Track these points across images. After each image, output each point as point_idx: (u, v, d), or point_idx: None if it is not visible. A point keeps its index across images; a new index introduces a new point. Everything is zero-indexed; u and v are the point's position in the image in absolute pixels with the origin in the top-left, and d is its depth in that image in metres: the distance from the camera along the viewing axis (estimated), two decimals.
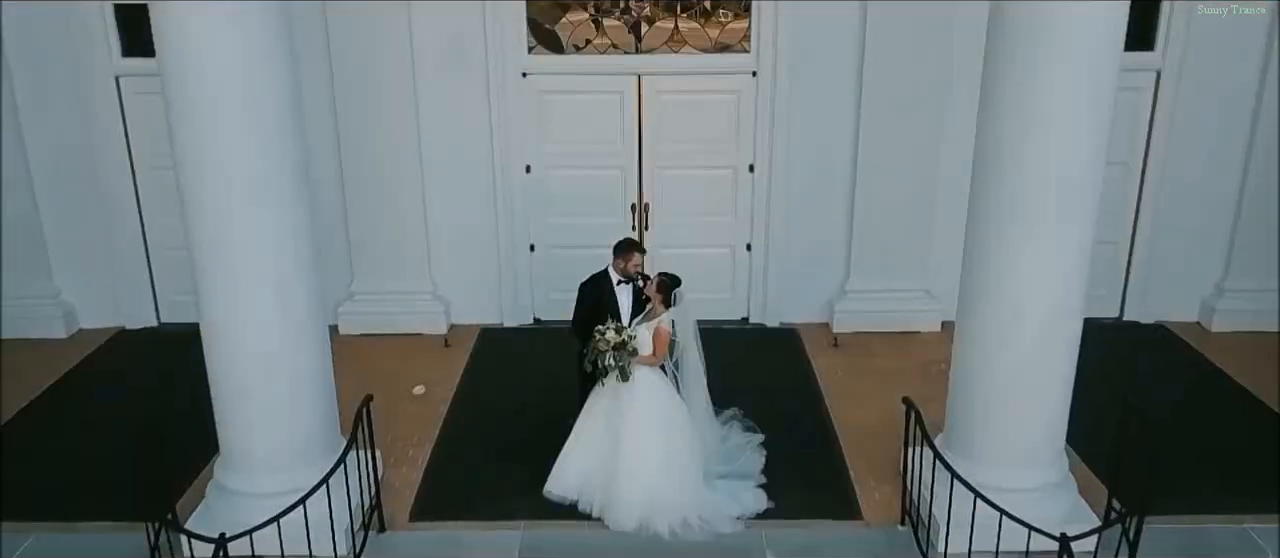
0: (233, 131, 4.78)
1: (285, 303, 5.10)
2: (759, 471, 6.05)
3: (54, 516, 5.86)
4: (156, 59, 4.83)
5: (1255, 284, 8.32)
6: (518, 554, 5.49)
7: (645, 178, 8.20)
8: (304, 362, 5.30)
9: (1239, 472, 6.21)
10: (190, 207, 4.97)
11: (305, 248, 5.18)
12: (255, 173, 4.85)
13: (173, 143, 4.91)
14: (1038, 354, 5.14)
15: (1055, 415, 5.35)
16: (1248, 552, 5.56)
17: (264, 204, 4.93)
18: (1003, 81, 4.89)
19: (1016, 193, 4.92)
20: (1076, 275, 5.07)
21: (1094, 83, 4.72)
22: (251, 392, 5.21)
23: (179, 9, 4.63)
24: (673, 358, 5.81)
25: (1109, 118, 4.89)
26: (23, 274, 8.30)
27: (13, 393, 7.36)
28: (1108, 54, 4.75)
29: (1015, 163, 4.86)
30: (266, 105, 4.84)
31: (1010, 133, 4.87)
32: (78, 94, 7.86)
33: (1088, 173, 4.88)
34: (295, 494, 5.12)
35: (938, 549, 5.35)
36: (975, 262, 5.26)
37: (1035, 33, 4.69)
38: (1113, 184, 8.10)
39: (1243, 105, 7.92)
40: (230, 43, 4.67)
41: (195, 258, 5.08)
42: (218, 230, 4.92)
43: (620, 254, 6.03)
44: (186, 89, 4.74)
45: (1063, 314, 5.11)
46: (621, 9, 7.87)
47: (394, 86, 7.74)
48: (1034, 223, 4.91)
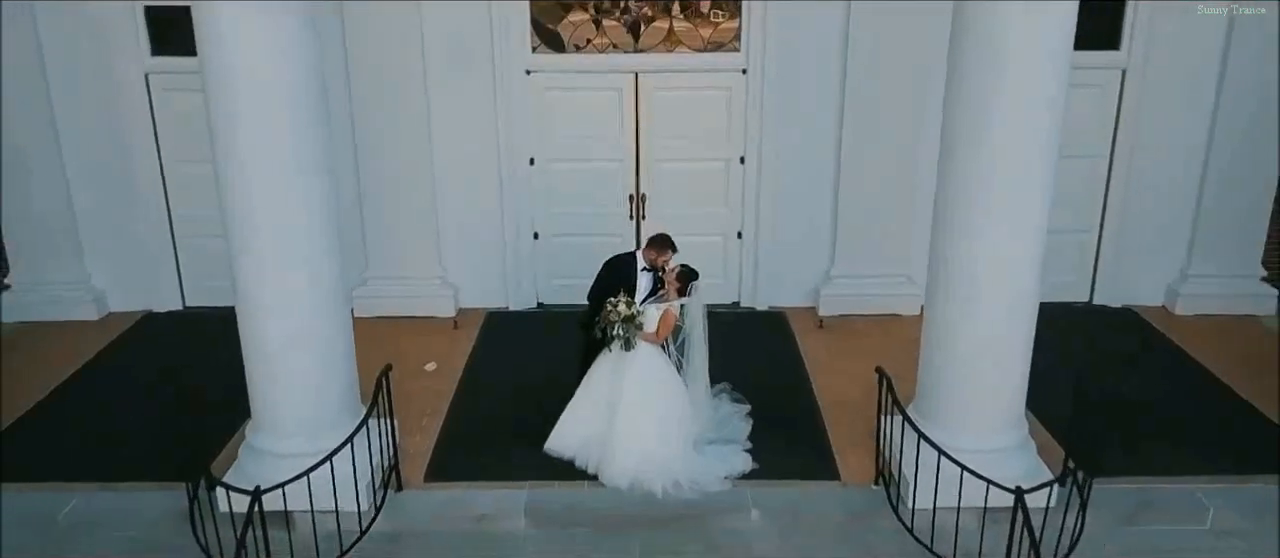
0: (271, 118, 5.23)
1: (314, 278, 5.60)
2: (745, 436, 6.56)
3: (95, 477, 6.37)
4: (198, 54, 5.25)
5: (1217, 270, 8.80)
6: (523, 511, 6.01)
7: (642, 170, 8.68)
8: (329, 333, 5.80)
9: (1190, 439, 6.72)
10: (227, 190, 5.43)
11: (331, 228, 5.68)
12: (290, 158, 5.32)
13: (212, 129, 5.34)
14: (996, 327, 5.63)
15: (1013, 383, 5.83)
16: (1194, 509, 6.06)
17: (296, 187, 5.41)
18: (963, 79, 5.39)
19: (975, 180, 5.42)
20: (1031, 256, 5.56)
21: (1043, 79, 5.19)
22: (281, 360, 5.70)
23: (221, 8, 5.08)
24: (677, 340, 6.32)
25: (1060, 112, 5.33)
26: (56, 261, 8.78)
27: (50, 370, 7.86)
28: (1056, 54, 5.20)
29: (973, 153, 5.36)
30: (300, 95, 5.31)
31: (969, 126, 5.37)
32: (109, 91, 8.32)
33: (1040, 162, 5.36)
34: (319, 455, 5.61)
35: (907, 505, 5.86)
36: (940, 244, 5.75)
37: (989, 34, 5.17)
38: (1082, 176, 8.69)
39: (1204, 102, 8.38)
40: (268, 39, 5.14)
41: (232, 236, 5.54)
42: (254, 211, 5.39)
43: (655, 246, 6.35)
44: (229, 81, 5.17)
45: (1018, 292, 5.60)
46: (621, 9, 8.36)
47: (406, 84, 8.20)
48: (991, 208, 5.40)
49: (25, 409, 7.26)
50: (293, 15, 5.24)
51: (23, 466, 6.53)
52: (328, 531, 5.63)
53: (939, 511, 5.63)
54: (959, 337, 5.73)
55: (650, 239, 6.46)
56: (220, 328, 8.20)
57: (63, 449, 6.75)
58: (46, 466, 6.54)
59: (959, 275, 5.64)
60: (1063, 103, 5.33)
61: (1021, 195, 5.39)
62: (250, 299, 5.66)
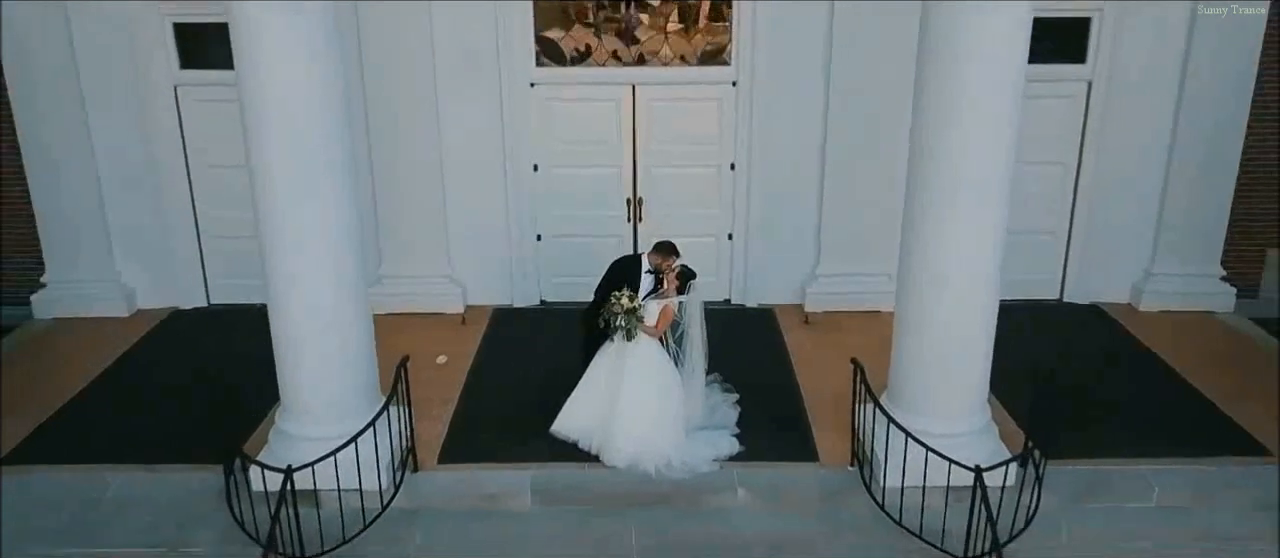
0: (301, 125, 5.74)
1: (339, 274, 6.15)
2: (733, 422, 7.13)
3: (135, 460, 6.93)
4: (236, 65, 5.73)
5: (1179, 269, 9.35)
6: (529, 489, 6.58)
7: (639, 175, 9.24)
8: (352, 326, 6.35)
9: (1141, 424, 7.29)
10: (260, 193, 5.93)
11: (354, 228, 6.23)
12: (318, 160, 5.84)
13: (247, 135, 5.81)
14: (958, 322, 6.18)
15: (975, 373, 6.38)
16: (1141, 488, 6.64)
17: (323, 190, 5.91)
18: (926, 91, 5.94)
19: (938, 190, 5.97)
20: (990, 254, 6.09)
21: (997, 102, 5.72)
22: (309, 351, 6.26)
23: (260, 26, 5.61)
24: (675, 334, 6.89)
25: (1014, 129, 5.84)
26: (88, 260, 9.33)
27: (87, 363, 8.41)
28: (1008, 80, 5.71)
29: (936, 159, 5.91)
30: (327, 104, 5.84)
31: (932, 142, 5.92)
32: (140, 101, 8.86)
33: (997, 167, 5.89)
34: (343, 439, 6.16)
35: (879, 484, 6.44)
36: (909, 244, 6.31)
37: (949, 49, 5.72)
38: (1052, 181, 9.27)
39: (1165, 111, 8.93)
40: (300, 53, 5.67)
41: (263, 236, 6.05)
42: (285, 212, 5.90)
43: (660, 252, 6.88)
44: (263, 90, 5.67)
45: (978, 288, 6.14)
46: (620, 22, 8.88)
47: (418, 94, 8.73)
48: (952, 209, 5.96)
49: (67, 398, 7.81)
50: (322, 30, 5.76)
51: (67, 449, 7.10)
52: (352, 507, 6.20)
53: (907, 489, 6.19)
54: (925, 331, 6.29)
55: (656, 245, 7.01)
56: (244, 323, 8.89)
57: (103, 435, 7.30)
58: (89, 450, 7.10)
59: (925, 275, 6.20)
60: (1016, 120, 5.85)
61: (980, 203, 5.94)
62: (280, 295, 6.20)
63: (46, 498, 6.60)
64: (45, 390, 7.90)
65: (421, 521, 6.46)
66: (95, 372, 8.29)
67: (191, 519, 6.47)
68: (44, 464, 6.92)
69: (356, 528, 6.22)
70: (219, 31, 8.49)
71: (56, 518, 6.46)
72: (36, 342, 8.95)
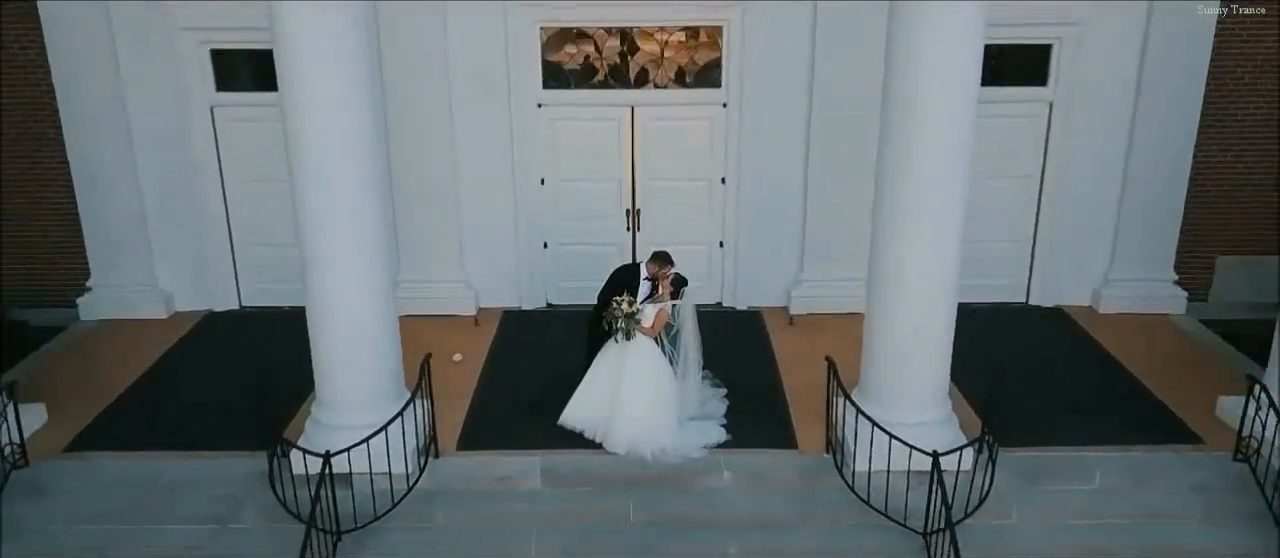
0: (341, 147, 6.54)
1: (372, 286, 6.96)
2: (722, 414, 7.93)
3: (184, 446, 7.71)
4: (282, 101, 6.51)
5: (1135, 275, 10.13)
6: (539, 473, 7.38)
7: (637, 188, 10.03)
8: (381, 326, 7.16)
9: (1088, 415, 8.07)
10: (304, 214, 6.74)
11: (385, 238, 7.04)
12: (354, 184, 6.65)
13: (290, 155, 6.58)
14: (919, 323, 6.98)
15: (935, 370, 7.17)
16: (1083, 471, 7.43)
17: (359, 205, 6.72)
18: (889, 121, 6.74)
19: (900, 207, 6.77)
20: (948, 266, 6.89)
21: (951, 131, 6.52)
22: (344, 349, 7.06)
23: (303, 58, 6.40)
24: (670, 334, 7.68)
25: (968, 154, 6.63)
26: (129, 266, 10.11)
27: (133, 360, 9.19)
28: (961, 113, 6.50)
29: (897, 183, 6.72)
30: (364, 126, 6.64)
31: (894, 159, 6.72)
32: (179, 120, 9.65)
33: (951, 189, 6.68)
34: (372, 428, 6.94)
35: (850, 468, 7.22)
36: (875, 256, 7.11)
37: (907, 84, 6.53)
38: (1017, 193, 10.07)
39: (1120, 127, 9.71)
40: (343, 80, 6.47)
41: (305, 252, 6.86)
42: (326, 231, 6.72)
43: (657, 261, 7.68)
44: (308, 115, 6.45)
45: (938, 294, 6.94)
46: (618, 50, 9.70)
47: (435, 114, 9.51)
48: (912, 227, 6.75)
49: (118, 393, 8.61)
50: (360, 63, 6.58)
51: (123, 438, 7.89)
52: (381, 489, 6.99)
53: (875, 473, 6.98)
54: (890, 333, 7.10)
55: (653, 255, 7.81)
56: (274, 324, 9.73)
57: (154, 425, 8.08)
58: (143, 438, 7.87)
59: (890, 281, 7.01)
60: (968, 147, 6.63)
61: (937, 221, 6.74)
62: (319, 303, 7.01)
63: (109, 481, 7.39)
64: (97, 386, 8.69)
65: (442, 500, 7.25)
66: (141, 369, 9.08)
67: (238, 500, 7.27)
68: (103, 451, 7.71)
69: (385, 507, 7.02)
70: (251, 57, 9.48)
71: (119, 498, 7.25)
72: (83, 342, 9.74)
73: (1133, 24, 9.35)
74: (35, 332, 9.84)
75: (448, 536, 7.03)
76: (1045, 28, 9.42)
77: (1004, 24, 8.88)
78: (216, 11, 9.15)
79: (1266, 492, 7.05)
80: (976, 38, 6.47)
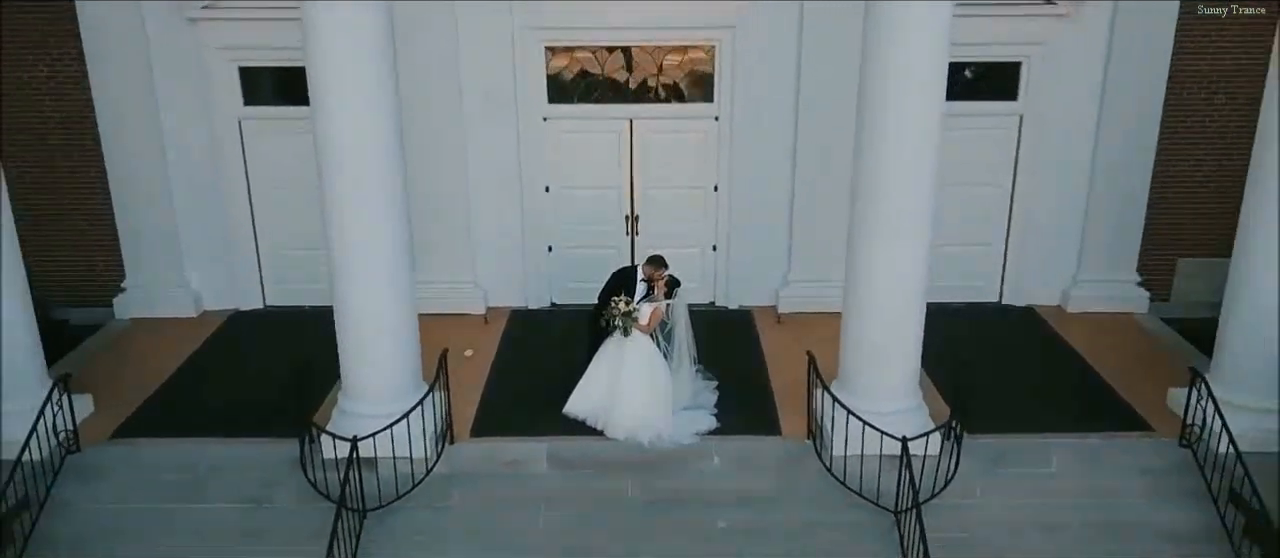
0: (368, 168, 7.28)
1: (395, 290, 7.68)
2: (712, 404, 8.65)
3: (219, 433, 8.42)
4: (315, 119, 7.20)
5: (1100, 276, 10.86)
6: (546, 457, 8.11)
7: (635, 195, 10.74)
8: (403, 324, 7.88)
9: (1049, 405, 8.79)
10: (333, 224, 7.46)
11: (406, 244, 7.75)
12: (380, 196, 7.38)
13: (322, 172, 7.30)
14: (890, 321, 7.70)
15: (905, 363, 7.89)
16: (1042, 456, 8.13)
17: (383, 215, 7.45)
18: (862, 136, 7.45)
19: (872, 214, 7.49)
20: (917, 266, 7.59)
21: (918, 151, 7.22)
22: (370, 345, 7.78)
23: (336, 87, 7.12)
24: (664, 331, 8.40)
25: (933, 169, 7.32)
26: (161, 268, 10.83)
27: (167, 355, 9.90)
28: (926, 134, 7.20)
29: (869, 193, 7.44)
30: (388, 146, 7.36)
31: (867, 171, 7.44)
32: (209, 131, 10.36)
33: (919, 200, 7.39)
34: (393, 417, 7.67)
35: (829, 452, 7.93)
36: (852, 256, 7.82)
37: (875, 106, 7.25)
38: (990, 200, 10.78)
39: (1085, 139, 10.42)
40: (372, 105, 7.19)
41: (334, 259, 7.57)
42: (354, 240, 7.44)
43: (652, 264, 8.45)
44: (339, 138, 7.17)
45: (907, 295, 7.66)
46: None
47: (447, 126, 10.20)
48: (883, 235, 7.48)
49: (157, 385, 9.33)
50: (385, 82, 7.28)
51: (164, 425, 8.61)
52: (402, 472, 7.72)
53: (850, 457, 7.71)
54: (864, 330, 7.82)
55: (649, 258, 8.54)
56: (297, 322, 10.46)
57: (191, 414, 8.79)
58: (182, 425, 8.59)
59: (864, 284, 7.73)
60: (934, 162, 7.33)
61: (906, 229, 7.46)
62: (347, 305, 7.72)
63: (153, 465, 8.11)
64: (137, 379, 9.41)
65: (458, 482, 7.97)
66: (176, 363, 9.80)
67: (271, 481, 7.98)
68: (147, 437, 8.44)
69: (406, 488, 7.76)
70: (275, 74, 10.20)
71: (163, 480, 7.97)
72: (120, 339, 10.46)
73: (1096, 43, 10.06)
74: (75, 329, 10.54)
75: (463, 514, 7.75)
76: (1014, 47, 10.14)
77: (977, 43, 9.74)
78: (245, 33, 9.88)
79: (1206, 473, 7.76)
80: (939, 70, 7.15)
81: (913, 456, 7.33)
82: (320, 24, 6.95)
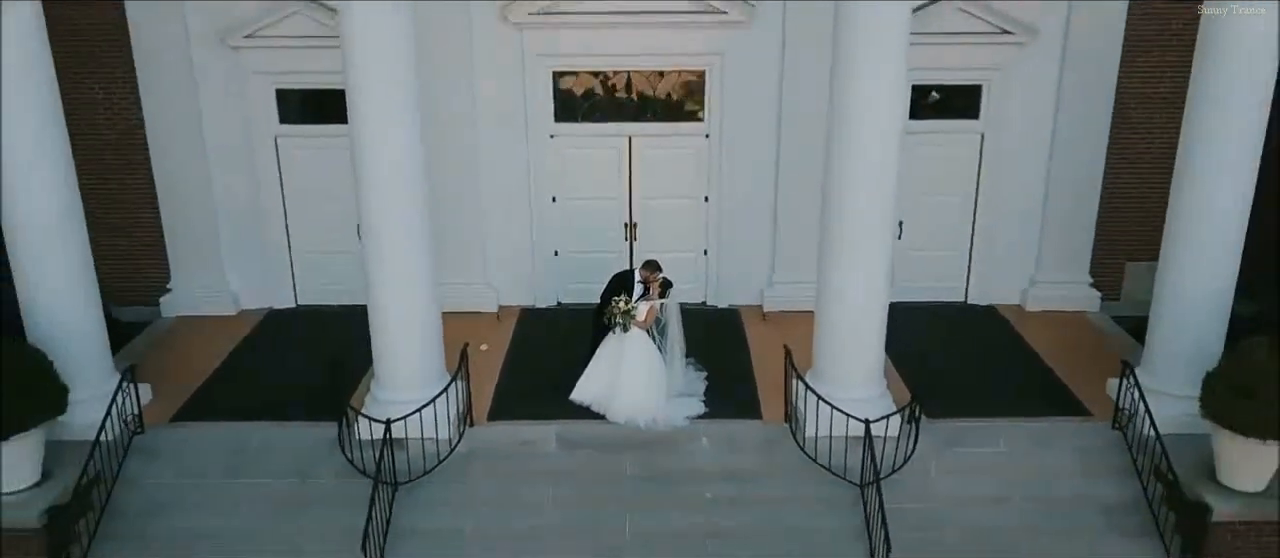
0: (404, 183, 8.38)
1: (423, 291, 8.78)
2: (702, 392, 9.76)
3: (264, 417, 9.49)
4: (354, 141, 8.29)
5: (1056, 278, 11.96)
6: (554, 438, 9.20)
7: (634, 205, 11.83)
8: (428, 320, 8.98)
9: (1000, 392, 9.90)
10: (371, 235, 8.56)
11: (431, 248, 8.83)
12: (414, 210, 8.50)
13: (359, 186, 8.39)
14: (855, 319, 8.79)
15: (870, 355, 8.97)
16: (991, 438, 9.21)
17: (414, 223, 8.56)
18: (831, 151, 8.53)
19: (839, 223, 8.59)
20: (878, 272, 8.68)
21: (881, 167, 8.31)
22: (400, 339, 8.87)
23: (374, 108, 8.23)
24: (659, 327, 9.50)
25: (893, 182, 8.40)
26: (203, 270, 11.92)
27: (212, 350, 10.99)
28: (888, 132, 8.22)
29: (835, 202, 8.52)
30: (418, 164, 8.45)
31: (835, 181, 8.51)
32: (249, 147, 11.45)
33: (881, 209, 8.45)
34: (420, 403, 8.73)
35: (803, 433, 9.01)
36: (822, 259, 8.90)
37: (841, 126, 8.33)
38: (955, 209, 11.88)
39: (1041, 153, 11.51)
40: (404, 130, 8.31)
41: (369, 265, 8.67)
42: (390, 248, 8.54)
43: (647, 268, 9.56)
44: (378, 155, 8.27)
45: (870, 297, 8.74)
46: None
47: (462, 141, 11.26)
48: (848, 241, 8.57)
49: (205, 376, 10.42)
50: (415, 120, 8.40)
51: (214, 410, 9.70)
52: (429, 450, 8.81)
53: (822, 438, 8.79)
54: (833, 326, 8.91)
55: (645, 263, 9.65)
56: (327, 320, 11.56)
57: (238, 400, 9.87)
58: (229, 411, 9.66)
59: (832, 287, 8.82)
60: (893, 181, 8.40)
61: (868, 236, 8.54)
62: (381, 305, 8.83)
63: (207, 445, 9.19)
64: (187, 369, 10.50)
65: (477, 459, 9.06)
66: (221, 356, 10.89)
67: (313, 460, 9.06)
68: (200, 421, 9.53)
69: (432, 465, 8.84)
70: (308, 95, 11.37)
71: (217, 459, 9.07)
72: (168, 335, 11.55)
73: (1049, 69, 11.16)
74: (126, 327, 11.60)
75: (482, 487, 8.85)
76: (976, 72, 11.24)
77: (942, 68, 10.89)
78: (282, 59, 10.99)
79: (1132, 451, 8.87)
80: (895, 97, 8.20)
81: (875, 436, 8.43)
82: (359, 56, 8.05)
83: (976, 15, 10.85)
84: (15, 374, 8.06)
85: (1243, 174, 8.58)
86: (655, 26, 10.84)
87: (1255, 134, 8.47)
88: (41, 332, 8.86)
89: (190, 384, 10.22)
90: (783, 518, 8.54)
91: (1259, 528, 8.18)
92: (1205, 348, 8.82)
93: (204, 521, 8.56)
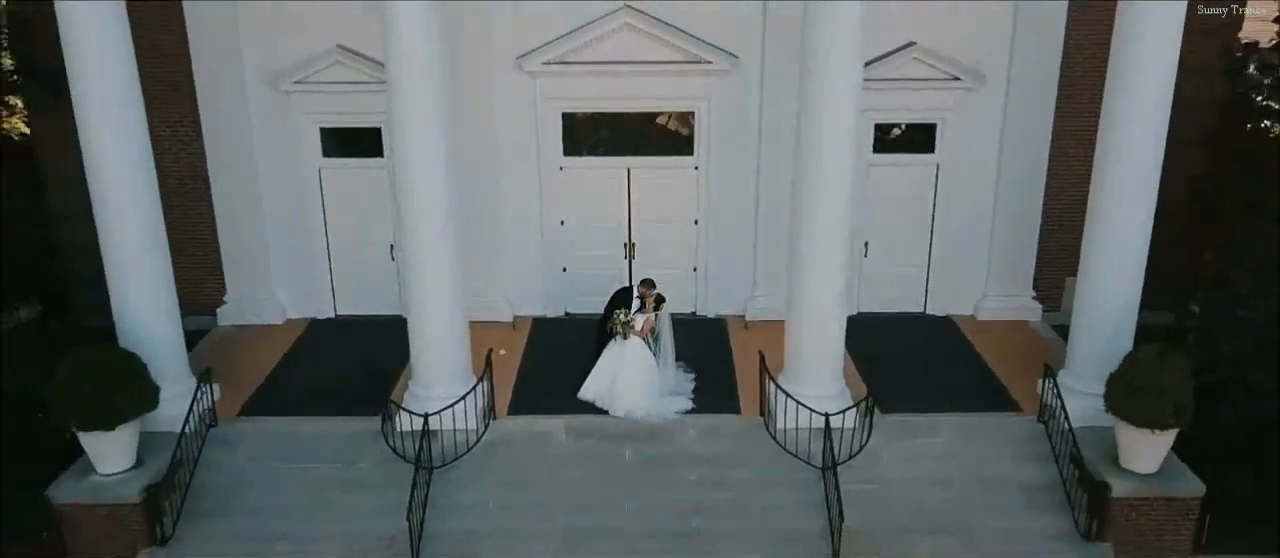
0: (434, 206, 10.00)
1: (455, 303, 10.43)
2: (690, 391, 11.39)
3: (316, 412, 11.11)
4: (396, 175, 9.99)
5: (1004, 291, 13.57)
6: (564, 429, 10.83)
7: (634, 227, 13.45)
8: (461, 332, 10.63)
9: (945, 391, 11.49)
10: (411, 253, 10.21)
11: (461, 263, 10.46)
12: (448, 231, 10.12)
13: (400, 214, 10.07)
14: (817, 328, 10.41)
15: (831, 359, 10.58)
16: (935, 429, 10.81)
17: (446, 240, 10.18)
18: (795, 184, 10.16)
19: (801, 246, 10.21)
20: (836, 287, 10.29)
21: (836, 192, 9.91)
22: (436, 343, 10.50)
23: (420, 156, 9.89)
24: (654, 335, 11.13)
25: (845, 202, 9.97)
26: (254, 283, 13.54)
27: (265, 355, 12.61)
28: (842, 165, 9.86)
29: (806, 224, 10.10)
30: (447, 189, 10.08)
31: (802, 206, 10.10)
32: (296, 177, 13.08)
33: (837, 236, 10.05)
34: (452, 399, 10.33)
35: (775, 425, 10.62)
36: (790, 275, 10.52)
37: (804, 160, 9.96)
38: (915, 232, 13.50)
39: (989, 182, 13.12)
40: (437, 160, 9.95)
41: (409, 281, 10.33)
42: (427, 266, 10.19)
43: (645, 285, 11.11)
44: (416, 185, 9.90)
45: (829, 305, 10.34)
46: None
47: (482, 172, 12.83)
48: (809, 263, 10.19)
49: (264, 376, 12.06)
50: (447, 155, 10.03)
51: (273, 406, 11.33)
52: (459, 440, 10.43)
53: (790, 429, 10.38)
54: (800, 334, 10.53)
55: (642, 280, 11.27)
56: (364, 328, 13.22)
57: (293, 397, 11.50)
58: (286, 406, 11.29)
59: (798, 301, 10.45)
60: (848, 206, 9.99)
61: (829, 251, 10.13)
62: (419, 316, 10.46)
63: (270, 435, 10.82)
64: (247, 371, 12.13)
65: (499, 447, 10.69)
66: (274, 360, 12.53)
67: (358, 448, 10.69)
68: (263, 415, 11.16)
69: (462, 452, 10.46)
70: (348, 133, 13.05)
71: (279, 446, 10.69)
72: (226, 341, 13.18)
73: (994, 110, 12.79)
74: (189, 334, 13.17)
75: (504, 471, 10.48)
76: (932, 112, 12.89)
77: (903, 109, 12.58)
78: (326, 102, 12.64)
79: (1052, 440, 10.50)
80: (847, 137, 9.78)
81: (834, 428, 10.02)
82: (398, 107, 9.74)
83: (931, 64, 12.48)
84: (117, 375, 9.70)
85: (1142, 201, 10.18)
86: (651, 74, 12.48)
87: (1151, 162, 10.05)
88: (131, 338, 10.48)
89: (251, 383, 11.85)
90: (756, 496, 10.16)
91: (1151, 504, 9.80)
92: (1115, 351, 10.35)
93: (270, 498, 10.20)
